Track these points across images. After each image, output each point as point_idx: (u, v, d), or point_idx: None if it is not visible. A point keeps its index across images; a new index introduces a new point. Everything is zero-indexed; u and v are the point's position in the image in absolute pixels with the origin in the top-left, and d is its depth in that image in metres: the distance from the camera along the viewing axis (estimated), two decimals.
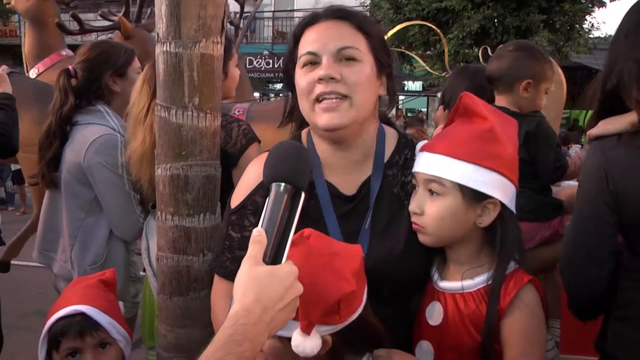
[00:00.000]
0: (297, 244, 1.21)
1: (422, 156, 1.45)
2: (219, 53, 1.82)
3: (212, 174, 1.85)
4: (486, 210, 1.40)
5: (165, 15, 1.76)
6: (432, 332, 1.44)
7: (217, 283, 1.59)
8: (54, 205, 2.62)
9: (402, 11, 13.96)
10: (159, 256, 1.89)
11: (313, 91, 1.41)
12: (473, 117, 1.42)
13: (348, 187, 1.50)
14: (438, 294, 1.45)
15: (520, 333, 1.34)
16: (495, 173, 1.37)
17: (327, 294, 1.15)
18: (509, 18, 12.96)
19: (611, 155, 1.44)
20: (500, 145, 1.38)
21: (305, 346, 1.14)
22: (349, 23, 1.45)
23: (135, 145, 2.22)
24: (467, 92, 1.46)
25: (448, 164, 1.38)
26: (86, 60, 2.59)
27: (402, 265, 1.43)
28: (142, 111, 2.20)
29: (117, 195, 2.44)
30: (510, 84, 2.50)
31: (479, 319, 1.36)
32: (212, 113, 1.82)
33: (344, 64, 1.41)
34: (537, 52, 2.57)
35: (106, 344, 1.71)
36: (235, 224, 1.53)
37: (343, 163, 1.50)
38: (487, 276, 1.39)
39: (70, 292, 1.80)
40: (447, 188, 1.38)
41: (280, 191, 1.10)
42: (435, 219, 1.40)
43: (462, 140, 1.39)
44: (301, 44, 1.47)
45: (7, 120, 2.72)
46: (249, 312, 0.97)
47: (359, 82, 1.41)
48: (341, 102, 1.40)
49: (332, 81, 1.39)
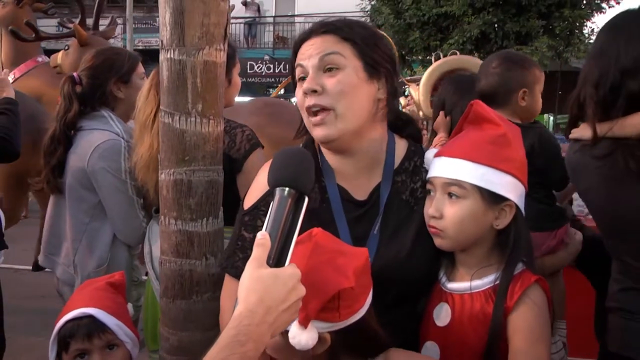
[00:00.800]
0: (304, 241, 1.24)
1: (438, 161, 1.47)
2: (221, 60, 1.85)
3: (215, 179, 1.87)
4: (503, 212, 1.43)
5: (169, 23, 1.79)
6: (439, 332, 1.46)
7: (227, 283, 1.60)
8: (58, 210, 2.65)
9: (402, 16, 14.00)
10: (162, 260, 1.91)
11: (304, 104, 1.45)
12: (484, 123, 1.46)
13: (360, 192, 1.52)
14: (446, 295, 1.48)
15: (526, 329, 1.36)
16: (510, 176, 1.42)
17: (325, 288, 1.17)
18: (509, 23, 13.00)
19: (571, 159, 1.75)
20: (512, 149, 1.43)
21: (302, 338, 1.15)
22: (335, 35, 1.46)
23: (142, 151, 2.24)
24: (478, 100, 1.50)
25: (467, 167, 1.41)
26: (91, 67, 2.61)
27: (408, 268, 1.45)
28: (149, 117, 2.22)
29: (120, 200, 2.47)
30: (506, 98, 2.48)
31: (485, 318, 1.38)
32: (215, 119, 1.85)
33: (326, 74, 1.43)
34: (520, 59, 2.55)
35: (114, 345, 1.74)
36: (248, 224, 1.55)
37: (351, 169, 1.52)
38: (494, 276, 1.42)
39: (79, 295, 1.83)
40: (467, 191, 1.41)
41: (284, 195, 1.12)
42: (455, 222, 1.42)
43: (477, 145, 1.43)
44: (297, 58, 1.51)
45: (10, 124, 2.74)
46: (252, 313, 0.99)
47: (342, 91, 1.42)
48: (326, 115, 1.42)
49: (314, 94, 1.42)
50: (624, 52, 1.62)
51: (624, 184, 1.61)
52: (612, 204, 1.65)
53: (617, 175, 1.62)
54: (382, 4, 14.60)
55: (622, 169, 1.60)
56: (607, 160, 1.64)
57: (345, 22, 1.52)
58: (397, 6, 14.19)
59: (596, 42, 1.76)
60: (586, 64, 1.76)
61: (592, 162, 1.68)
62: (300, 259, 1.18)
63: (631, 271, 1.66)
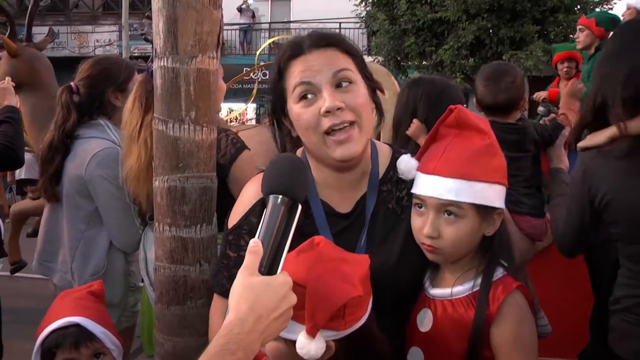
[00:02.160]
0: (307, 250, 1.25)
1: (429, 179, 1.43)
2: (214, 68, 1.87)
3: (209, 185, 1.89)
4: (492, 219, 1.44)
5: (163, 31, 1.81)
6: (422, 338, 1.47)
7: (215, 300, 1.60)
8: (55, 218, 2.65)
9: (397, 22, 14.02)
10: (157, 266, 1.92)
11: (320, 125, 1.39)
12: (469, 130, 1.44)
13: (343, 205, 1.51)
14: (428, 300, 1.48)
15: (512, 342, 1.37)
16: (500, 185, 1.43)
17: (334, 297, 1.17)
18: (503, 29, 13.03)
19: (591, 166, 1.71)
20: (499, 158, 1.44)
21: (310, 348, 1.16)
22: (337, 48, 1.44)
23: (131, 163, 2.24)
24: (459, 105, 1.48)
25: (464, 186, 1.39)
26: (89, 77, 2.63)
27: (397, 276, 1.46)
28: (135, 128, 2.22)
29: (117, 207, 2.48)
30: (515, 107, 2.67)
31: (466, 324, 1.39)
32: (208, 126, 1.86)
33: (342, 90, 1.40)
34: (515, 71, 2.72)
35: (100, 353, 1.74)
36: (232, 243, 1.54)
37: (340, 184, 1.51)
38: (475, 282, 1.43)
39: (60, 304, 1.82)
40: (465, 210, 1.40)
41: (277, 203, 1.11)
42: (454, 242, 1.42)
43: (469, 160, 1.41)
44: (289, 76, 1.44)
45: (13, 133, 2.79)
46: (243, 321, 0.99)
47: (361, 104, 1.41)
48: (352, 131, 1.39)
49: (339, 111, 1.37)
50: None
51: None
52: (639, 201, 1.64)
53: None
54: (377, 10, 14.62)
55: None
56: (631, 159, 1.64)
57: (338, 36, 1.50)
58: (392, 12, 14.21)
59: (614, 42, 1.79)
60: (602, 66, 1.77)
61: (615, 163, 1.67)
62: (304, 268, 1.19)
63: None
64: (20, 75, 4.37)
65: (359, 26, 16.22)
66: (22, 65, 4.50)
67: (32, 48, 4.82)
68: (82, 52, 20.28)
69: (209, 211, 1.90)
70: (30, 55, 4.62)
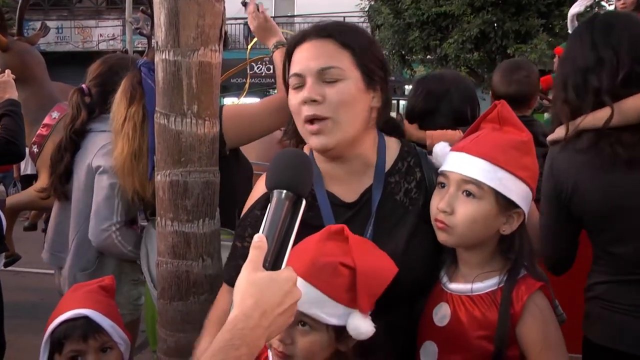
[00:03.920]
0: (337, 238, 1.31)
1: (456, 156, 1.46)
2: (216, 61, 1.86)
3: (211, 180, 1.88)
4: (511, 219, 1.43)
5: (164, 24, 1.79)
6: (438, 333, 1.45)
7: (222, 287, 1.65)
8: (63, 214, 2.68)
9: (402, 16, 13.97)
10: (159, 261, 1.91)
11: (301, 113, 1.44)
12: (507, 126, 1.45)
13: (349, 195, 1.52)
14: (446, 295, 1.47)
15: (542, 341, 1.37)
16: (525, 184, 1.42)
17: (383, 275, 1.28)
18: (508, 22, 12.96)
19: (556, 159, 1.73)
20: (531, 157, 1.44)
21: (364, 327, 1.24)
22: (333, 40, 1.45)
23: (117, 154, 2.25)
24: (503, 101, 1.49)
25: (487, 168, 1.39)
26: (99, 76, 2.67)
27: (402, 269, 1.43)
28: (118, 122, 2.25)
29: (102, 196, 2.45)
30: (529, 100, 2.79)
31: (487, 322, 1.38)
32: (210, 120, 1.85)
33: (327, 84, 1.42)
34: (531, 68, 2.88)
35: (107, 347, 1.74)
36: (238, 234, 1.59)
37: (343, 174, 1.53)
38: (497, 280, 1.42)
39: (71, 297, 1.84)
40: (484, 192, 1.40)
41: (282, 198, 1.10)
42: (467, 221, 1.41)
43: (499, 147, 1.41)
44: (292, 63, 1.50)
45: (14, 126, 2.81)
46: (247, 316, 0.98)
47: (342, 101, 1.42)
48: (324, 125, 1.42)
49: (314, 103, 1.41)
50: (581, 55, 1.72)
51: (614, 172, 1.63)
52: (604, 193, 1.65)
53: (606, 164, 1.63)
54: (382, 4, 14.56)
55: (609, 158, 1.62)
56: (593, 151, 1.65)
57: (341, 27, 1.51)
58: (397, 6, 14.15)
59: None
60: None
61: (578, 156, 1.69)
62: (345, 252, 1.27)
63: (619, 262, 1.67)
64: (11, 69, 4.37)
65: (363, 20, 16.16)
66: (13, 59, 4.47)
67: (23, 42, 4.82)
68: (86, 47, 20.32)
69: (211, 206, 1.88)
70: (21, 49, 4.60)
